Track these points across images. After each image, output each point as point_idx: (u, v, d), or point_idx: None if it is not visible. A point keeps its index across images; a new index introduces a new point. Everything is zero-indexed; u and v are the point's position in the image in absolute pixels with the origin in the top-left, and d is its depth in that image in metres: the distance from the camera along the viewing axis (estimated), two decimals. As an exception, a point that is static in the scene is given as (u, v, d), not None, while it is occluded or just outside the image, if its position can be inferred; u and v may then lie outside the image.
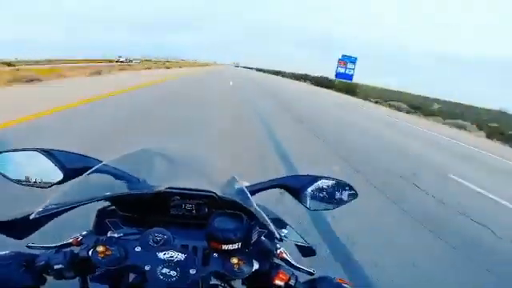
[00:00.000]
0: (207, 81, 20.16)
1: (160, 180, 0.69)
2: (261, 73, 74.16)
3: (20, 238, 0.57)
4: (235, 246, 0.53)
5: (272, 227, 0.55)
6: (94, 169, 0.61)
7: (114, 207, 0.65)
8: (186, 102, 9.05)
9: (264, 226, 0.59)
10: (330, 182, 0.73)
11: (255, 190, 0.72)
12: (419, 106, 20.48)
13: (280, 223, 0.67)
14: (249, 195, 0.61)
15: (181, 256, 0.52)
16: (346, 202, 0.74)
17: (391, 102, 22.40)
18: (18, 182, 0.64)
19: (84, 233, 0.59)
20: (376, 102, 23.51)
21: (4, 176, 0.63)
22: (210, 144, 4.58)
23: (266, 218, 0.56)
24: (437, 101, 27.30)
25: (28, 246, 0.56)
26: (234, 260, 0.52)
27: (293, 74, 61.62)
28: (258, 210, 0.57)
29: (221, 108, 8.57)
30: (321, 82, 36.67)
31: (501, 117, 18.83)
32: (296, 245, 0.66)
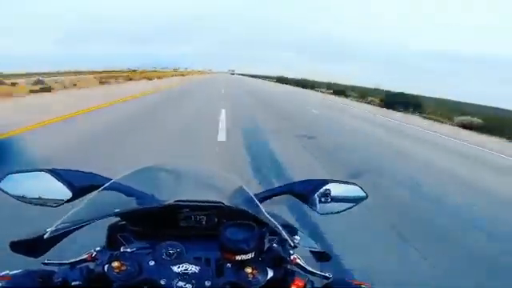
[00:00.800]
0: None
1: (168, 194, 0.69)
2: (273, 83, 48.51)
3: (36, 256, 0.57)
4: (249, 256, 0.53)
5: (285, 235, 0.55)
6: (104, 187, 0.62)
7: (124, 222, 0.65)
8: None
9: (274, 232, 0.59)
10: (338, 185, 0.73)
11: (263, 197, 0.72)
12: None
13: (291, 229, 0.67)
14: (258, 204, 0.61)
15: (195, 268, 0.53)
16: (356, 203, 0.74)
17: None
18: (27, 201, 0.64)
19: (98, 248, 0.60)
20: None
21: (12, 196, 0.64)
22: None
23: (279, 225, 0.56)
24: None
25: (44, 263, 0.57)
26: (248, 269, 0.53)
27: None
28: (269, 218, 0.57)
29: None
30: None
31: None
32: (310, 251, 0.66)
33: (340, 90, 30.54)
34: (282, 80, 54.91)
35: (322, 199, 0.72)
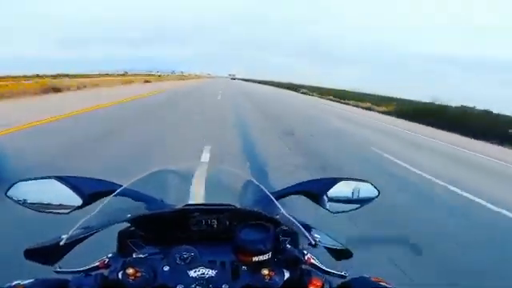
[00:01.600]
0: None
1: (178, 198, 0.69)
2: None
3: (50, 264, 0.56)
4: (265, 257, 0.52)
5: (306, 233, 0.54)
6: (115, 193, 0.61)
7: (133, 228, 0.65)
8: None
9: (287, 233, 0.58)
10: (350, 183, 0.72)
11: (274, 197, 0.71)
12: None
13: (306, 227, 0.66)
14: (275, 201, 0.60)
15: (211, 272, 0.52)
16: (368, 201, 0.73)
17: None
18: (36, 209, 0.64)
19: (110, 255, 0.59)
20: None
21: (22, 204, 0.63)
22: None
23: (297, 223, 0.55)
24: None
25: (56, 271, 0.56)
26: (265, 271, 0.52)
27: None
28: (288, 216, 0.56)
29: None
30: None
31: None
32: (329, 248, 0.65)
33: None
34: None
35: (334, 198, 0.71)
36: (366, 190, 0.73)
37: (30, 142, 4.58)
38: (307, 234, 0.54)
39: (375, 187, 0.73)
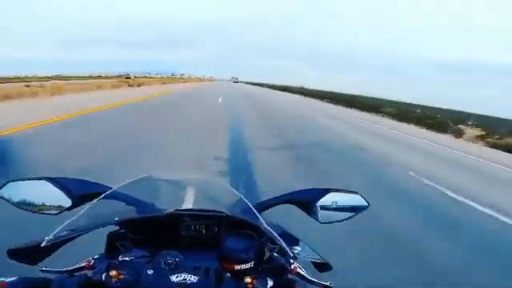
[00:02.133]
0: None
1: (167, 204, 0.69)
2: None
3: (32, 264, 0.57)
4: (248, 266, 0.53)
5: (284, 245, 0.54)
6: (103, 195, 0.62)
7: (123, 231, 0.65)
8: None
9: (275, 242, 0.58)
10: (340, 194, 0.72)
11: (263, 207, 0.72)
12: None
13: (291, 239, 0.66)
14: (257, 214, 0.61)
15: (194, 278, 0.52)
16: (357, 212, 0.73)
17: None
18: (27, 209, 0.64)
19: (96, 256, 0.59)
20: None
21: (13, 204, 0.64)
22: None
23: (277, 236, 0.55)
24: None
25: (42, 270, 0.56)
26: (248, 279, 0.52)
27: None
28: (268, 228, 0.57)
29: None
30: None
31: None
32: (311, 261, 0.65)
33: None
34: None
35: (323, 208, 0.71)
36: (355, 201, 0.73)
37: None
38: (285, 246, 0.55)
39: (365, 199, 0.73)
